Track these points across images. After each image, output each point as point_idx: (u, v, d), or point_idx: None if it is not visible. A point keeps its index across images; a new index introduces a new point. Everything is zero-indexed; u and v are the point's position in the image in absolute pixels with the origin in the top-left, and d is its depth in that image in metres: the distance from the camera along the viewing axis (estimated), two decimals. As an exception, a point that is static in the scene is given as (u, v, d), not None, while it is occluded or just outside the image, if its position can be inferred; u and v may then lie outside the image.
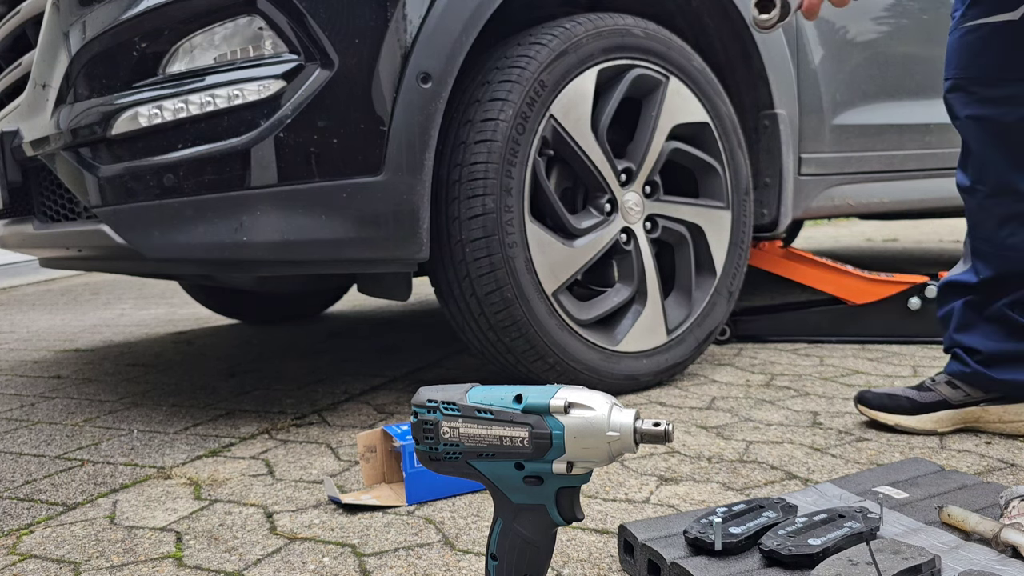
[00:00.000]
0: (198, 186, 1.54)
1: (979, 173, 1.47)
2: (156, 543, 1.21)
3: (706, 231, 2.04)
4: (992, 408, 1.53)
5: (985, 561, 0.94)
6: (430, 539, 1.18)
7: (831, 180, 2.44)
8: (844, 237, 6.78)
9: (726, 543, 0.97)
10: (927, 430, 1.55)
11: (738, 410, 1.78)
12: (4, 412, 2.09)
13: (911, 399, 1.56)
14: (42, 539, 1.25)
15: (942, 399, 1.55)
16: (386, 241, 1.62)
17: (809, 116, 2.33)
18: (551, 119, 1.77)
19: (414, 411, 0.81)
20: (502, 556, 0.80)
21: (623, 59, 1.87)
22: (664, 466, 1.45)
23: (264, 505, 1.35)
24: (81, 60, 1.61)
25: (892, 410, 1.57)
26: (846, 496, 1.15)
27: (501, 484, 0.79)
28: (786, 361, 2.26)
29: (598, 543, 1.14)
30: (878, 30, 2.51)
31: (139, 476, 1.52)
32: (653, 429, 0.73)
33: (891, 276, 2.44)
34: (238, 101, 1.53)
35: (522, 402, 0.76)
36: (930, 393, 1.56)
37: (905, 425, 1.56)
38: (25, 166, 1.88)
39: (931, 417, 1.55)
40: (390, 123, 1.58)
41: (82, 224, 1.75)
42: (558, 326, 1.78)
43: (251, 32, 1.55)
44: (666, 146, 1.97)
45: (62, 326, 3.73)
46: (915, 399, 1.56)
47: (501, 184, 1.69)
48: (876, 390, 1.61)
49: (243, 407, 1.99)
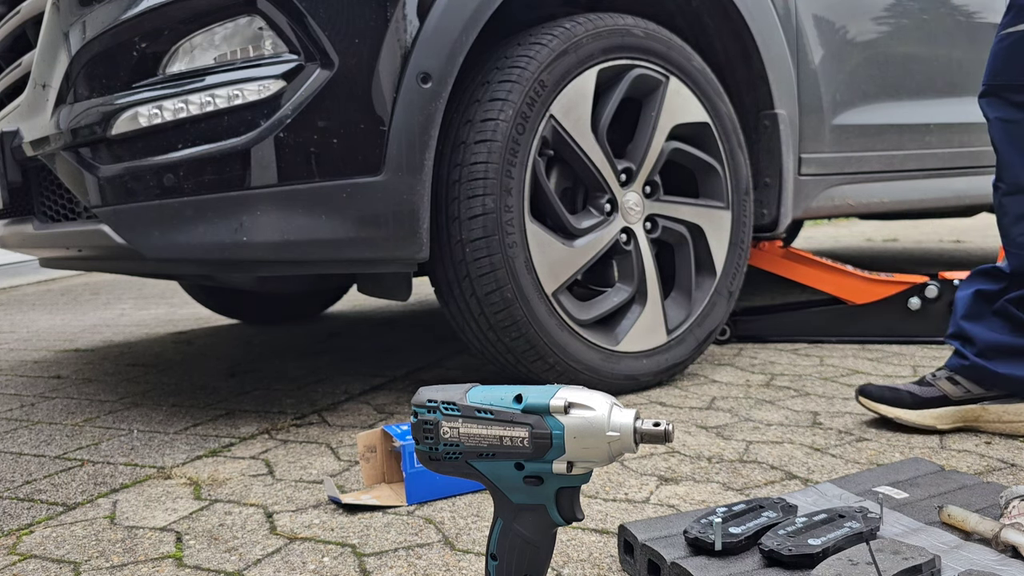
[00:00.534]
0: (198, 186, 1.54)
1: (1001, 172, 1.52)
2: (156, 543, 1.21)
3: (706, 231, 2.04)
4: (992, 407, 1.53)
5: (985, 561, 0.94)
6: (430, 539, 1.18)
7: (831, 180, 2.44)
8: (844, 237, 6.78)
9: (726, 543, 0.97)
10: (927, 425, 1.55)
11: (738, 410, 1.78)
12: (4, 412, 2.09)
13: (912, 394, 1.57)
14: (42, 539, 1.25)
15: (942, 395, 1.55)
16: (386, 241, 1.62)
17: (809, 116, 2.33)
18: (551, 119, 1.77)
19: (414, 411, 0.81)
20: (502, 556, 0.80)
21: (623, 59, 1.87)
22: (664, 466, 1.45)
23: (264, 505, 1.35)
24: (81, 60, 1.61)
25: (893, 403, 1.57)
26: (846, 496, 1.15)
27: (501, 484, 0.79)
28: (786, 361, 2.26)
29: (598, 543, 1.14)
30: (878, 30, 2.51)
31: (139, 476, 1.52)
32: (653, 429, 0.73)
33: (891, 276, 2.44)
34: (238, 101, 1.53)
35: (522, 402, 0.76)
36: (931, 388, 1.57)
37: (905, 419, 1.56)
38: (25, 166, 1.88)
39: (931, 413, 1.55)
40: (390, 123, 1.58)
41: (82, 224, 1.75)
42: (558, 326, 1.78)
43: (251, 32, 1.55)
44: (666, 146, 1.97)
45: (62, 326, 3.73)
46: (917, 394, 1.57)
47: (501, 184, 1.69)
48: (879, 383, 1.62)
49: (243, 407, 1.99)
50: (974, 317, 1.55)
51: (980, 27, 2.74)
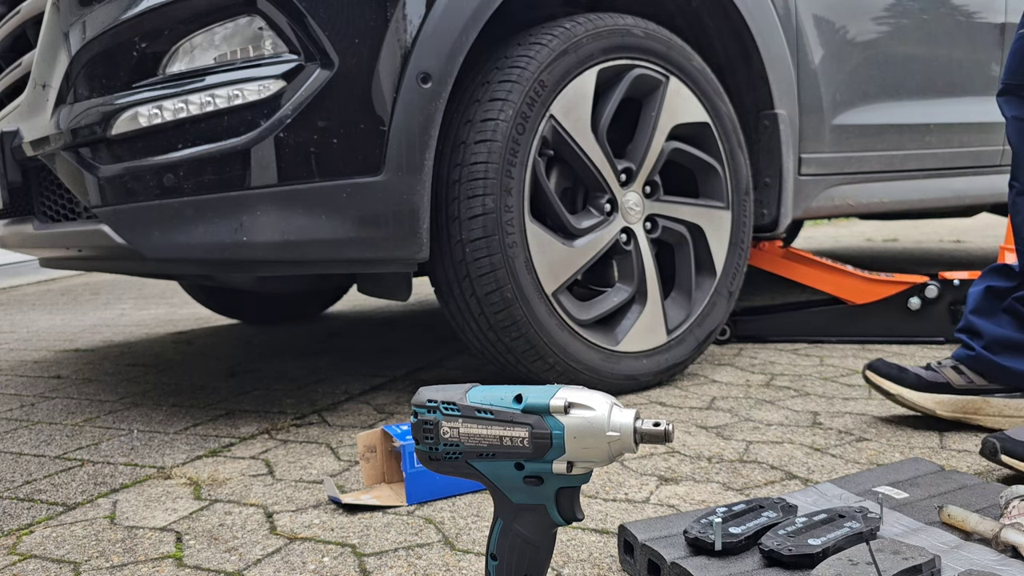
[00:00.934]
0: (198, 186, 1.54)
1: (1016, 171, 1.52)
2: (156, 543, 1.21)
3: (706, 231, 2.04)
4: (994, 400, 1.54)
5: (985, 561, 0.94)
6: (430, 539, 1.18)
7: (831, 180, 2.44)
8: (844, 237, 6.78)
9: (726, 543, 0.97)
10: (927, 408, 1.56)
11: (738, 410, 1.78)
12: (4, 412, 2.09)
13: (919, 376, 1.58)
14: (42, 539, 1.25)
15: (946, 381, 1.56)
16: (386, 241, 1.62)
17: (809, 116, 2.33)
18: (551, 119, 1.77)
19: (414, 411, 0.81)
20: (502, 556, 0.80)
21: (623, 59, 1.87)
22: (664, 466, 1.45)
23: (264, 505, 1.35)
24: (81, 60, 1.61)
25: (898, 381, 1.58)
26: (846, 496, 1.15)
27: (501, 484, 0.79)
28: (786, 361, 2.26)
29: (598, 543, 1.14)
30: (878, 30, 2.51)
31: (139, 476, 1.52)
32: (653, 429, 0.73)
33: (891, 276, 2.44)
34: (238, 101, 1.53)
35: (522, 402, 0.76)
36: (936, 374, 1.58)
37: (907, 398, 1.57)
38: (25, 166, 1.88)
39: (933, 397, 1.56)
40: (390, 123, 1.58)
41: (82, 224, 1.75)
42: (558, 326, 1.78)
43: (251, 32, 1.55)
44: (666, 146, 1.98)
45: (62, 326, 3.73)
46: (923, 376, 1.57)
47: (501, 184, 1.69)
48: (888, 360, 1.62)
49: (243, 407, 1.99)
50: (983, 312, 1.56)
51: (980, 27, 2.73)
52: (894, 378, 1.59)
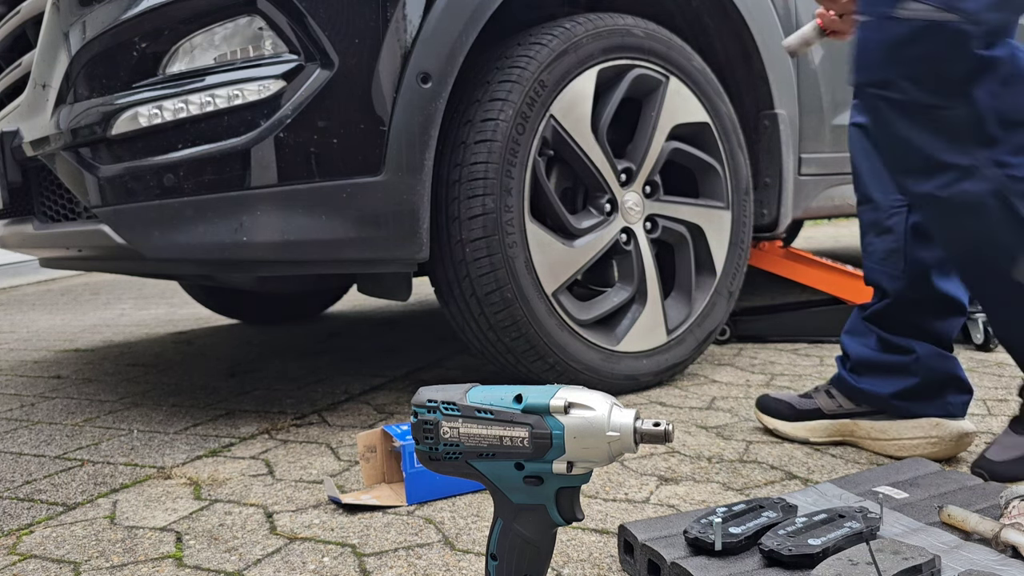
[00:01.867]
0: (198, 186, 1.54)
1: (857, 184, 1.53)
2: (156, 543, 1.21)
3: (706, 231, 2.04)
4: (863, 423, 1.50)
5: (985, 561, 0.94)
6: (430, 539, 1.18)
7: (831, 180, 2.44)
8: (844, 237, 6.78)
9: (726, 543, 0.97)
10: (800, 438, 1.54)
11: (738, 410, 1.78)
12: (4, 412, 2.09)
13: (791, 406, 1.56)
14: (42, 539, 1.25)
15: (816, 408, 1.54)
16: (386, 241, 1.62)
17: (809, 116, 2.33)
18: (551, 119, 1.77)
19: (414, 411, 0.81)
20: (502, 556, 0.80)
21: (623, 59, 1.87)
22: (664, 466, 1.45)
23: (264, 505, 1.35)
24: (81, 60, 1.61)
25: (775, 415, 1.58)
26: (846, 496, 1.15)
27: (501, 484, 0.79)
28: (786, 361, 2.26)
29: (598, 543, 1.14)
30: (878, 30, 2.50)
31: (139, 476, 1.52)
32: (653, 429, 0.73)
33: (891, 276, 2.43)
34: (238, 101, 1.53)
35: (522, 402, 0.76)
36: (809, 401, 1.55)
37: (782, 431, 1.57)
38: (25, 166, 1.88)
39: (805, 425, 1.54)
40: (390, 123, 1.58)
41: (82, 224, 1.75)
42: (558, 326, 1.78)
43: (251, 32, 1.55)
44: (666, 146, 1.97)
45: (62, 326, 3.73)
46: (794, 406, 1.56)
47: (501, 184, 1.69)
48: (774, 394, 1.61)
49: (243, 407, 1.99)
50: (852, 332, 1.52)
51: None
52: (771, 412, 1.58)
